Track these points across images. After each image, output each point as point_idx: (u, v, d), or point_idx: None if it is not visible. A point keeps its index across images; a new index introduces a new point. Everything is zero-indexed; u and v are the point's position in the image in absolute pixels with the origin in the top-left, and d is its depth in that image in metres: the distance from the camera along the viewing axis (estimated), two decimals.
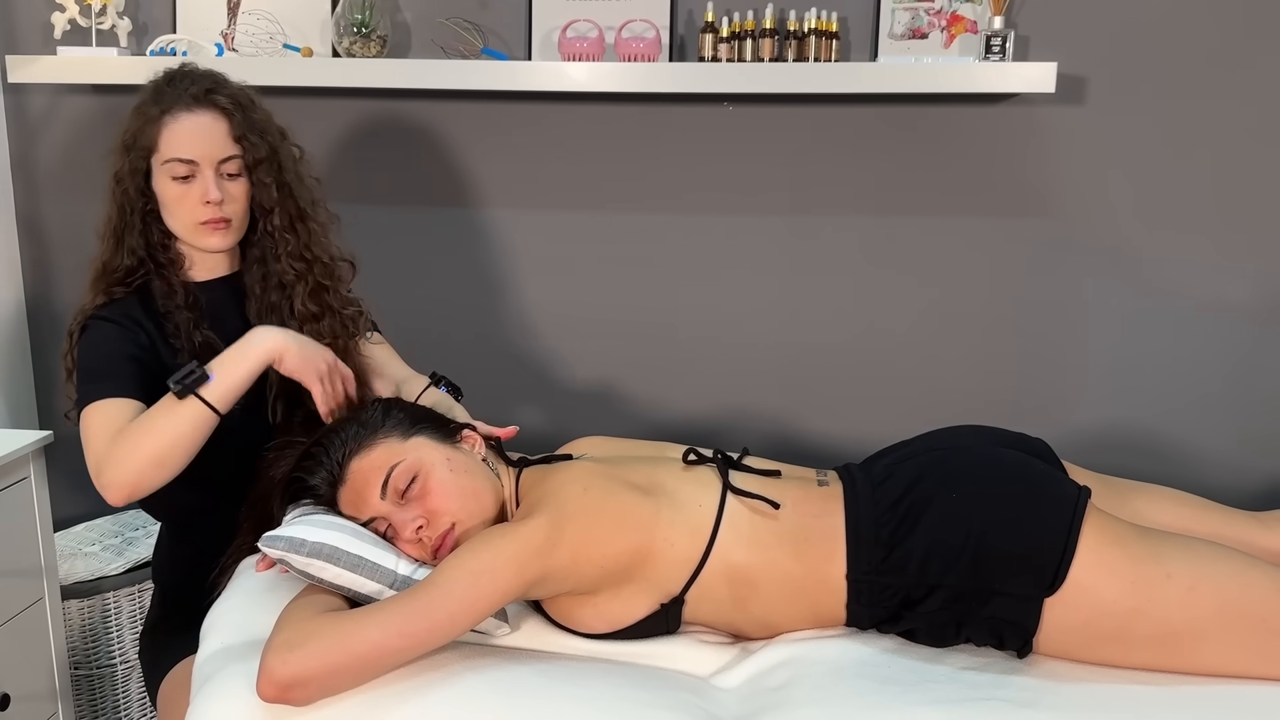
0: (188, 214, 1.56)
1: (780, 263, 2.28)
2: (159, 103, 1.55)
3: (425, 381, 1.70)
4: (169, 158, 1.54)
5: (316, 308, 1.64)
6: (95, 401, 1.48)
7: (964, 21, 2.13)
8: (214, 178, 1.55)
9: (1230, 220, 2.16)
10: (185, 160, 1.54)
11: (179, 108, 1.54)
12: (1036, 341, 2.25)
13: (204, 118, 1.55)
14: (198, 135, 1.54)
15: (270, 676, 1.20)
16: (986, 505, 1.40)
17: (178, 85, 1.56)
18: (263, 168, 1.59)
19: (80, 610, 2.12)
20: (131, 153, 1.56)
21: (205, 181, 1.55)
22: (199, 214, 1.56)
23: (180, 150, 1.54)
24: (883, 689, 1.31)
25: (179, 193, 1.55)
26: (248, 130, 1.57)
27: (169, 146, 1.54)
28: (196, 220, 1.57)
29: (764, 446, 1.85)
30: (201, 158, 1.54)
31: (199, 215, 1.56)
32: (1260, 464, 2.22)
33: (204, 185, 1.54)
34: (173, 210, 1.57)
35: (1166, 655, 1.34)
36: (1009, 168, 2.19)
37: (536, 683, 1.31)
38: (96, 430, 1.46)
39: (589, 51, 2.10)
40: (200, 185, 1.55)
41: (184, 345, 1.57)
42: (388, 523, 1.41)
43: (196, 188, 1.55)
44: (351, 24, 2.14)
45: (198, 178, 1.55)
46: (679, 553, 1.40)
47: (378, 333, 1.82)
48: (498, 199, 2.32)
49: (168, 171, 1.55)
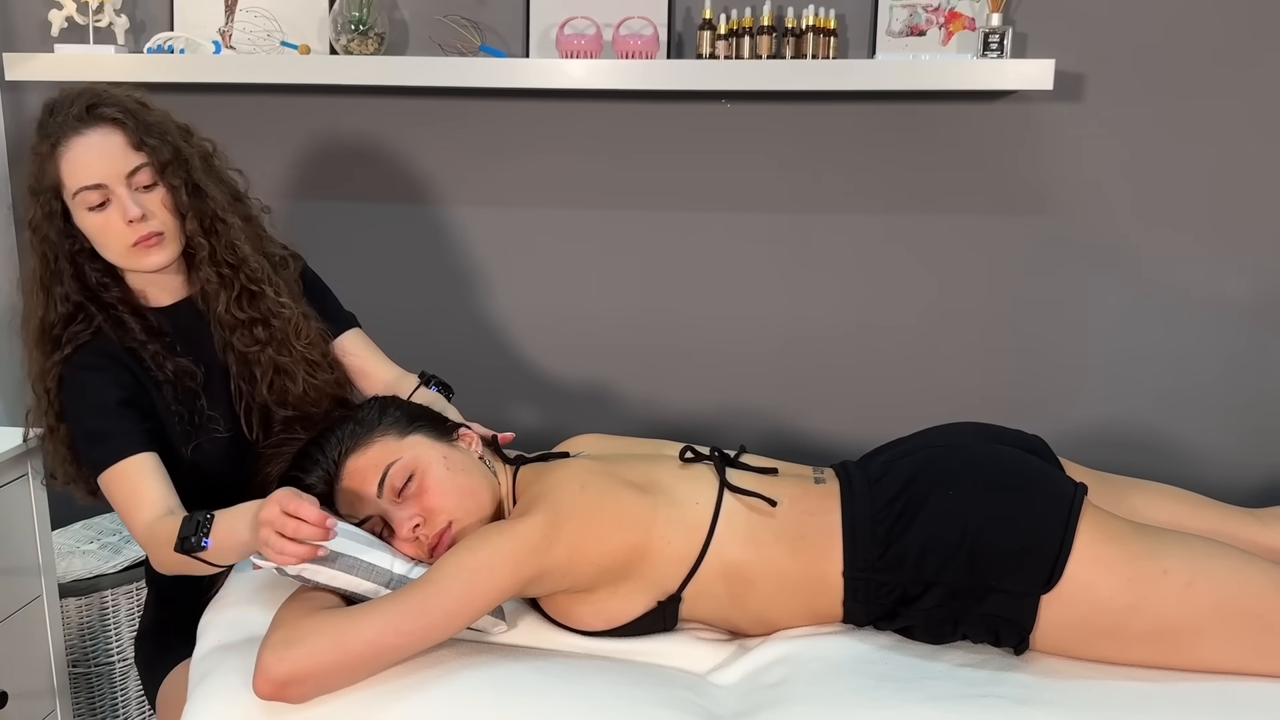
0: (116, 240, 1.47)
1: (778, 260, 2.28)
2: (46, 137, 1.45)
3: (415, 381, 1.69)
4: (76, 189, 1.44)
5: (244, 315, 1.55)
6: (110, 467, 1.46)
7: (962, 18, 2.12)
8: (128, 195, 1.45)
9: (1227, 217, 2.16)
10: (93, 186, 1.43)
11: (66, 134, 1.43)
12: (1033, 338, 2.25)
13: (95, 136, 1.44)
14: (95, 156, 1.43)
15: (266, 674, 1.20)
16: (983, 502, 1.40)
17: (59, 113, 1.45)
18: (170, 170, 1.48)
19: (78, 608, 2.12)
20: (40, 197, 1.46)
21: (121, 201, 1.44)
22: (127, 236, 1.46)
23: (84, 178, 1.43)
24: (879, 686, 1.31)
25: (100, 222, 1.46)
26: (145, 135, 1.46)
27: (72, 178, 1.44)
28: (127, 244, 1.47)
29: (761, 444, 1.85)
30: (107, 178, 1.44)
31: (127, 238, 1.46)
32: (1257, 461, 2.22)
33: (121, 206, 1.44)
34: (101, 241, 1.48)
35: (1163, 652, 1.34)
36: (1007, 165, 2.19)
37: (534, 680, 1.31)
38: (126, 500, 1.45)
39: (587, 49, 2.10)
40: (117, 207, 1.44)
41: (161, 378, 1.52)
42: (384, 521, 1.41)
43: (114, 211, 1.45)
44: (349, 21, 2.14)
45: (112, 200, 1.45)
46: (676, 550, 1.41)
47: (359, 330, 1.77)
48: (495, 196, 2.32)
49: (81, 204, 1.45)
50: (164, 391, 1.52)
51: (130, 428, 1.48)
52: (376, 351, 1.76)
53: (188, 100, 2.28)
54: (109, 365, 1.50)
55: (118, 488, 1.47)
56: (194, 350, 1.56)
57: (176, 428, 1.53)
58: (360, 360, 1.73)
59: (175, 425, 1.53)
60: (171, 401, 1.53)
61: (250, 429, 1.57)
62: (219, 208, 1.52)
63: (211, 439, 1.55)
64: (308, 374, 1.59)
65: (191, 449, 1.53)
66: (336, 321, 1.75)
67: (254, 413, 1.58)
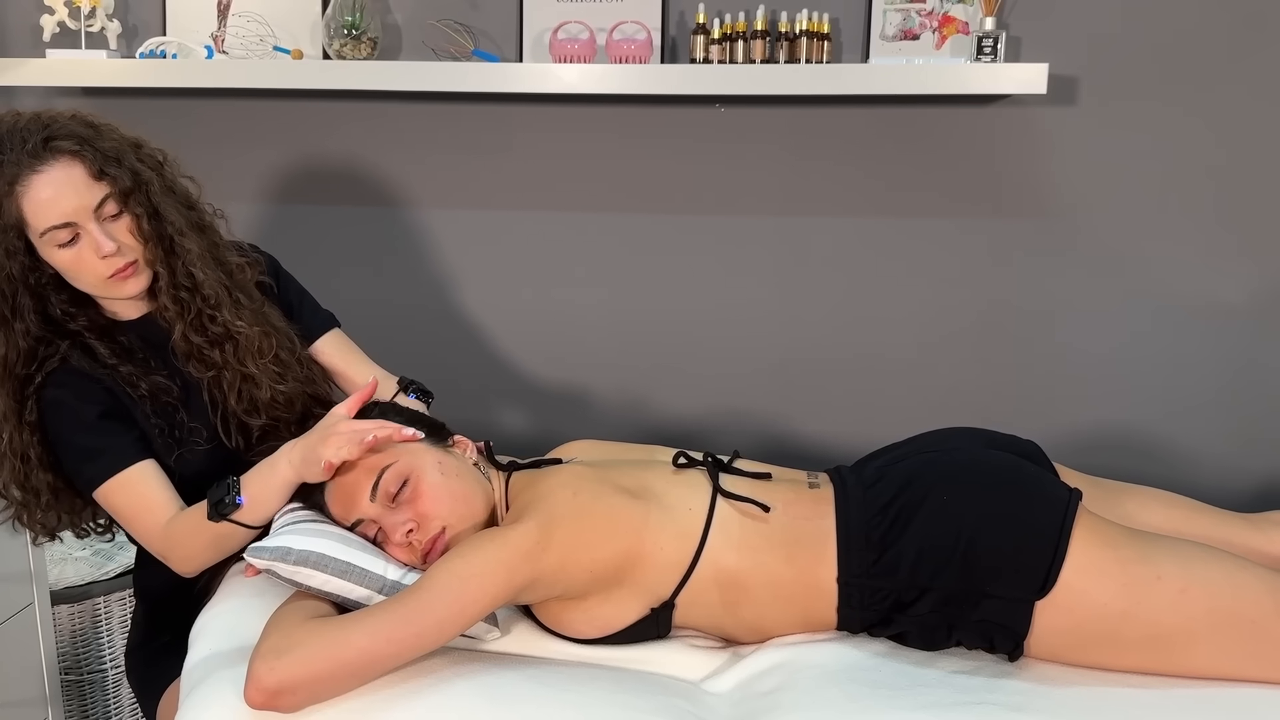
0: (91, 274, 1.42)
1: (771, 264, 2.28)
2: (1, 174, 1.36)
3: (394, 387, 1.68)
4: (44, 229, 1.37)
5: (200, 339, 1.51)
6: (108, 480, 1.45)
7: (955, 23, 2.12)
8: (98, 229, 1.40)
9: (1221, 221, 2.16)
10: (61, 225, 1.38)
11: (24, 172, 1.36)
12: (1028, 342, 2.25)
13: (56, 171, 1.37)
14: (59, 193, 1.37)
15: (258, 683, 1.20)
16: (977, 508, 1.39)
17: (9, 148, 1.37)
18: (133, 198, 1.43)
19: (70, 615, 2.11)
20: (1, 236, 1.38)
21: (93, 236, 1.39)
22: (101, 269, 1.42)
23: (51, 217, 1.37)
24: (873, 693, 1.30)
25: (71, 257, 1.40)
26: (104, 164, 1.40)
27: (37, 218, 1.37)
28: (103, 276, 1.43)
29: (755, 449, 1.85)
30: (75, 215, 1.38)
31: (102, 271, 1.42)
32: (1251, 466, 2.22)
33: (93, 241, 1.39)
34: (75, 275, 1.43)
35: (1157, 658, 1.34)
36: (1001, 169, 2.19)
37: (526, 688, 1.30)
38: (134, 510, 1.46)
39: (580, 53, 2.10)
40: (89, 242, 1.40)
41: (136, 395, 1.50)
42: (377, 526, 1.41)
43: (86, 246, 1.40)
44: (342, 26, 2.14)
45: (83, 235, 1.39)
46: (668, 556, 1.40)
47: (338, 331, 1.75)
48: (489, 201, 2.32)
49: (50, 241, 1.39)
50: (143, 406, 1.50)
51: (120, 440, 1.47)
52: (356, 354, 1.74)
53: (180, 105, 2.28)
54: (83, 383, 1.47)
55: (120, 499, 1.46)
56: (168, 364, 1.54)
57: (159, 440, 1.51)
58: (339, 362, 1.71)
59: (157, 438, 1.51)
60: (151, 415, 1.51)
61: (230, 438, 1.56)
62: (176, 230, 1.47)
63: (193, 450, 1.53)
64: (274, 382, 1.55)
65: (175, 459, 1.52)
66: (313, 323, 1.72)
67: (231, 422, 1.56)
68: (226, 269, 1.55)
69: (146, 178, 1.45)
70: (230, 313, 1.51)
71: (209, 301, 1.50)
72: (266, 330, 1.56)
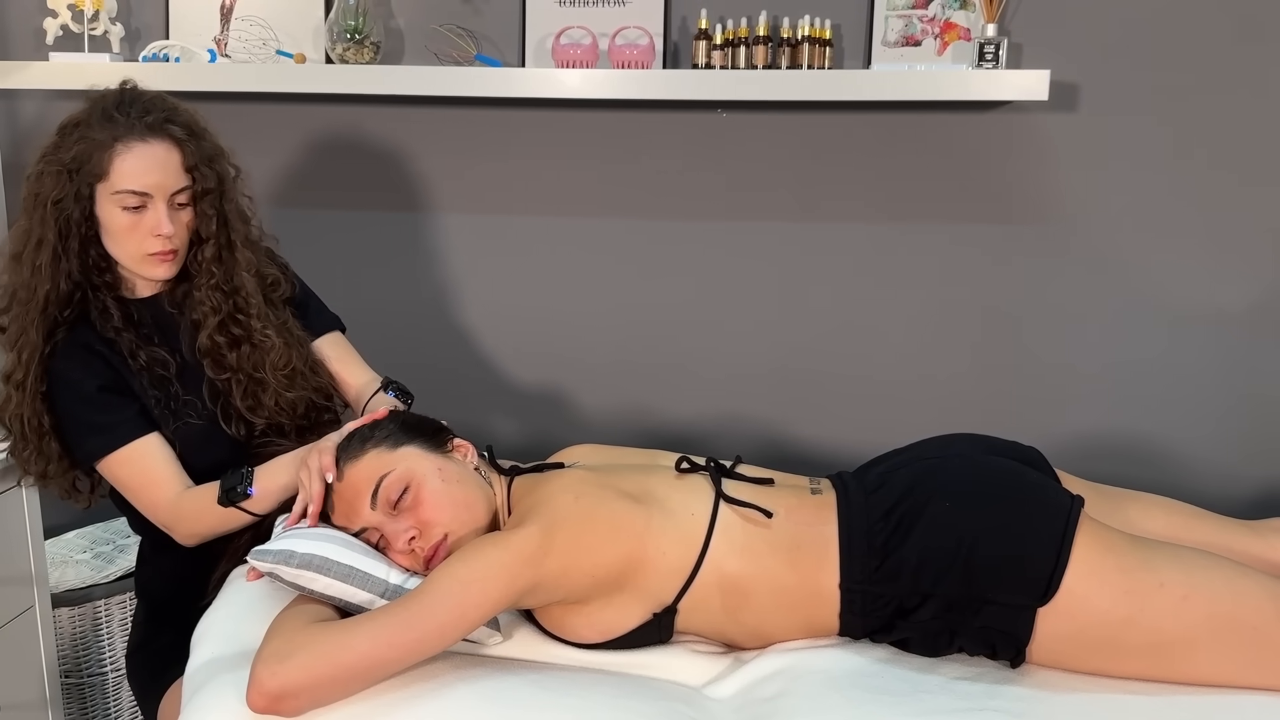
0: (136, 245, 1.52)
1: (773, 270, 2.28)
2: (110, 129, 1.47)
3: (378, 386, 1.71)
4: (121, 189, 1.48)
5: (224, 338, 1.59)
6: (112, 453, 1.52)
7: (957, 29, 2.13)
8: (166, 210, 1.50)
9: (1223, 228, 2.16)
10: (139, 193, 1.48)
11: (133, 137, 1.47)
12: (1029, 348, 2.25)
13: (158, 148, 1.49)
14: (153, 167, 1.48)
15: (260, 687, 1.20)
16: (980, 514, 1.39)
17: (129, 111, 1.49)
18: (209, 198, 1.54)
19: (71, 618, 2.11)
20: (76, 178, 1.48)
21: (158, 214, 1.50)
22: (148, 245, 1.52)
23: (134, 182, 1.48)
24: (876, 699, 1.30)
25: (128, 223, 1.50)
26: (200, 161, 1.52)
27: (122, 178, 1.47)
28: (145, 251, 1.52)
29: (757, 455, 1.85)
30: (155, 190, 1.49)
31: (148, 247, 1.52)
32: (1253, 472, 2.22)
33: (156, 218, 1.50)
34: (120, 239, 1.52)
35: (1159, 665, 1.34)
36: (1002, 175, 2.19)
37: (528, 693, 1.30)
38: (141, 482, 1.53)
39: (582, 58, 2.10)
40: (152, 217, 1.50)
41: (135, 367, 1.55)
42: (380, 533, 1.41)
43: (148, 219, 1.50)
44: (345, 30, 2.14)
45: (149, 209, 1.50)
46: (671, 561, 1.40)
47: (339, 334, 1.79)
48: (490, 206, 2.32)
49: (117, 201, 1.49)
50: (140, 378, 1.55)
51: (123, 414, 1.53)
52: (352, 357, 1.77)
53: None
54: (86, 356, 1.53)
55: (125, 471, 1.53)
56: (168, 341, 1.60)
57: (156, 411, 1.56)
58: (333, 364, 1.74)
59: (154, 408, 1.56)
60: (148, 387, 1.56)
61: (230, 426, 1.59)
62: (240, 238, 1.59)
63: (187, 424, 1.57)
64: (282, 389, 1.61)
65: (173, 430, 1.56)
66: (318, 323, 1.76)
67: (232, 413, 1.60)
68: (264, 281, 1.64)
69: (226, 186, 1.57)
70: (259, 321, 1.60)
71: (241, 309, 1.59)
72: (288, 342, 1.63)
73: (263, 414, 1.60)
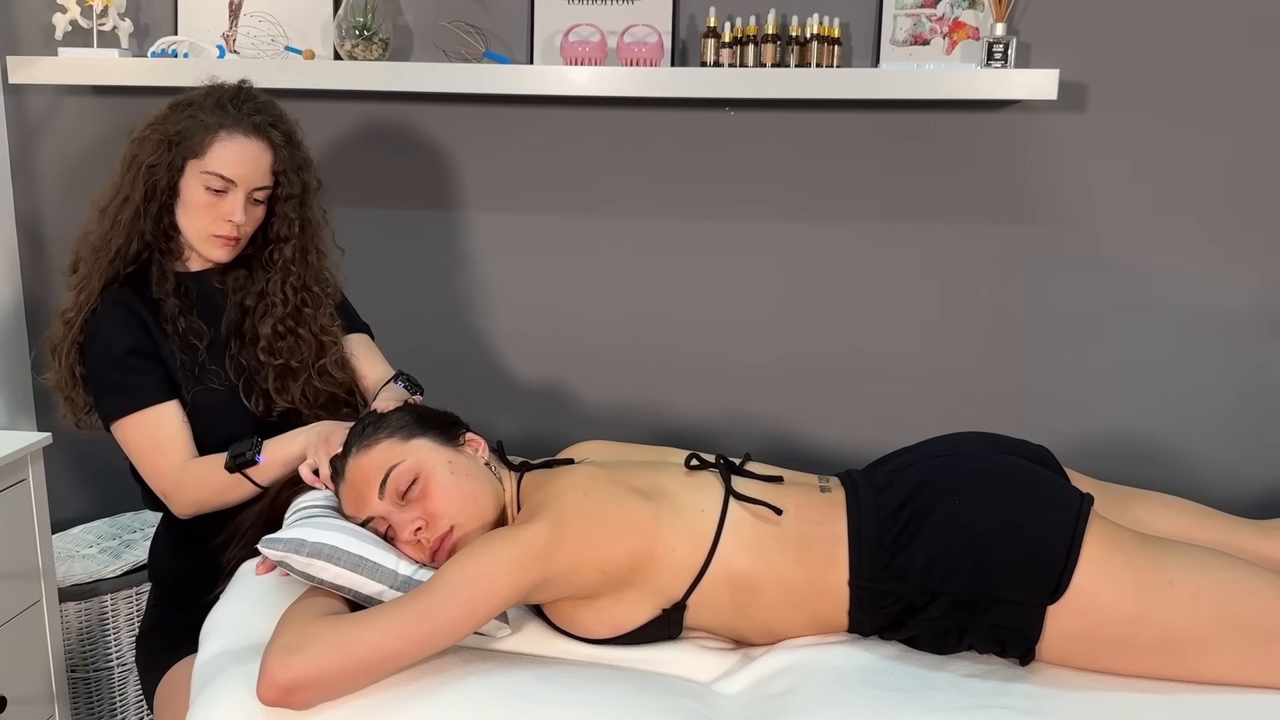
0: (207, 224, 1.62)
1: (781, 268, 2.28)
2: (219, 116, 1.60)
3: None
4: (212, 170, 1.59)
5: (284, 328, 1.70)
6: (126, 416, 1.60)
7: (966, 28, 2.13)
8: (244, 201, 1.62)
9: (1232, 228, 2.16)
10: (226, 178, 1.60)
11: (237, 129, 1.60)
12: (1038, 348, 2.25)
13: (256, 146, 1.62)
14: (245, 160, 1.61)
15: (270, 680, 1.20)
16: (989, 512, 1.39)
17: (242, 107, 1.63)
18: (291, 202, 1.67)
19: (78, 613, 2.11)
20: (173, 150, 1.60)
21: (236, 202, 1.61)
22: (218, 228, 1.63)
23: (226, 168, 1.60)
24: (885, 696, 1.30)
25: (207, 202, 1.61)
26: (289, 167, 1.65)
27: (216, 161, 1.59)
28: (212, 232, 1.63)
29: (765, 453, 1.85)
30: (243, 181, 1.61)
31: (217, 229, 1.63)
32: (1262, 472, 2.22)
33: (234, 204, 1.61)
34: (193, 215, 1.63)
35: (1168, 663, 1.34)
36: (1010, 174, 2.19)
37: (538, 688, 1.30)
38: (150, 447, 1.60)
39: (591, 56, 2.10)
40: (230, 203, 1.61)
41: (171, 331, 1.63)
42: (387, 523, 1.41)
43: (226, 204, 1.61)
44: (353, 27, 2.14)
45: (230, 195, 1.61)
46: (680, 558, 1.40)
47: (365, 336, 1.87)
48: (499, 203, 2.32)
49: (204, 181, 1.60)
50: (171, 342, 1.64)
51: (146, 379, 1.61)
52: (376, 355, 1.83)
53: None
54: (126, 314, 1.62)
55: (137, 435, 1.60)
56: (205, 315, 1.68)
57: (180, 373, 1.64)
58: (358, 361, 1.81)
59: (179, 370, 1.64)
60: (178, 351, 1.64)
61: (250, 399, 1.67)
62: (319, 244, 1.74)
63: (209, 389, 1.65)
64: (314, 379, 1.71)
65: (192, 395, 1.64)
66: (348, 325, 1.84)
67: (255, 388, 1.68)
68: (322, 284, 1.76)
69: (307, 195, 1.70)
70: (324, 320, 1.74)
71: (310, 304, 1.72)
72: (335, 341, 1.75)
73: (287, 398, 1.68)
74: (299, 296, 1.71)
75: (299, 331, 1.70)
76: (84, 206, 1.62)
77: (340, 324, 1.78)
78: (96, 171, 2.35)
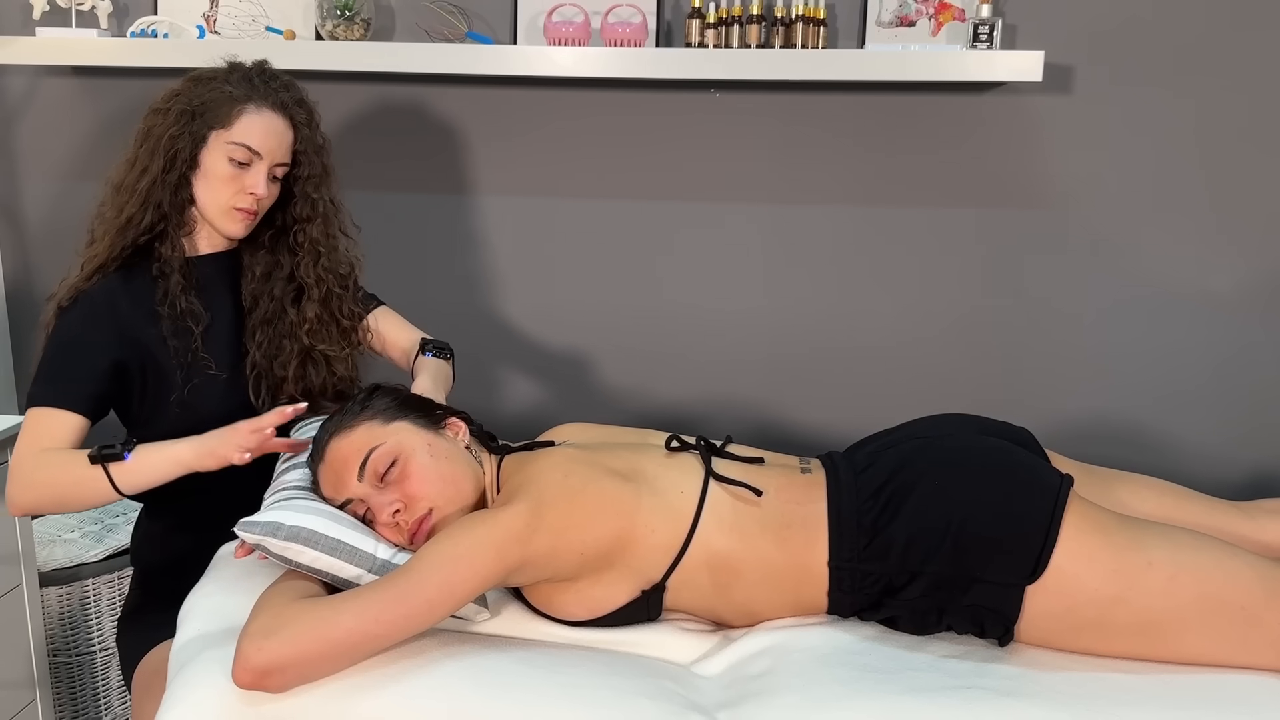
0: (228, 196, 1.62)
1: (766, 250, 2.28)
2: (246, 89, 1.61)
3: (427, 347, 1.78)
4: (238, 141, 1.60)
5: (315, 313, 1.72)
6: (40, 407, 1.55)
7: (951, 9, 2.12)
8: (264, 174, 1.63)
9: (1216, 211, 2.16)
10: (252, 150, 1.61)
11: (265, 104, 1.62)
12: (1021, 331, 2.25)
13: (280, 122, 1.63)
14: (271, 134, 1.62)
15: (246, 663, 1.19)
16: (968, 493, 1.39)
17: (269, 83, 1.64)
18: (312, 182, 1.69)
19: (59, 597, 2.10)
20: (196, 120, 1.60)
21: (259, 175, 1.62)
22: (238, 200, 1.62)
23: (253, 140, 1.60)
24: (863, 677, 1.30)
25: (230, 174, 1.61)
26: (309, 148, 1.68)
27: (243, 132, 1.60)
28: (233, 205, 1.63)
29: (748, 435, 1.85)
30: (266, 154, 1.62)
31: (238, 201, 1.62)
32: (1243, 455, 2.23)
33: (257, 177, 1.62)
34: (215, 186, 1.62)
35: (1147, 644, 1.34)
36: (996, 157, 2.18)
37: (516, 670, 1.30)
38: (35, 436, 1.54)
39: (575, 36, 2.09)
40: (253, 176, 1.62)
41: (166, 313, 1.61)
42: (366, 505, 1.41)
43: (249, 177, 1.61)
44: (335, 7, 2.12)
45: (253, 168, 1.62)
46: (660, 539, 1.40)
47: (385, 307, 1.87)
48: (481, 184, 2.31)
49: (228, 152, 1.60)
50: (163, 326, 1.61)
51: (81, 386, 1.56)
52: (399, 323, 1.86)
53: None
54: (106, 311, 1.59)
55: (35, 424, 1.55)
56: (207, 298, 1.67)
57: (172, 361, 1.61)
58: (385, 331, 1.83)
59: (170, 359, 1.61)
60: (169, 336, 1.62)
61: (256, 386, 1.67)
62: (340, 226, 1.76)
63: (204, 375, 1.63)
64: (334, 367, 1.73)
65: (188, 387, 1.62)
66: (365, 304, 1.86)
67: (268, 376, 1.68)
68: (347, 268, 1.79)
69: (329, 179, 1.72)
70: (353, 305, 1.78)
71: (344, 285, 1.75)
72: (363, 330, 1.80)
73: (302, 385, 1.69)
74: (331, 276, 1.73)
75: (338, 317, 1.74)
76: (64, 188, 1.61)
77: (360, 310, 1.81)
78: (75, 152, 2.33)
